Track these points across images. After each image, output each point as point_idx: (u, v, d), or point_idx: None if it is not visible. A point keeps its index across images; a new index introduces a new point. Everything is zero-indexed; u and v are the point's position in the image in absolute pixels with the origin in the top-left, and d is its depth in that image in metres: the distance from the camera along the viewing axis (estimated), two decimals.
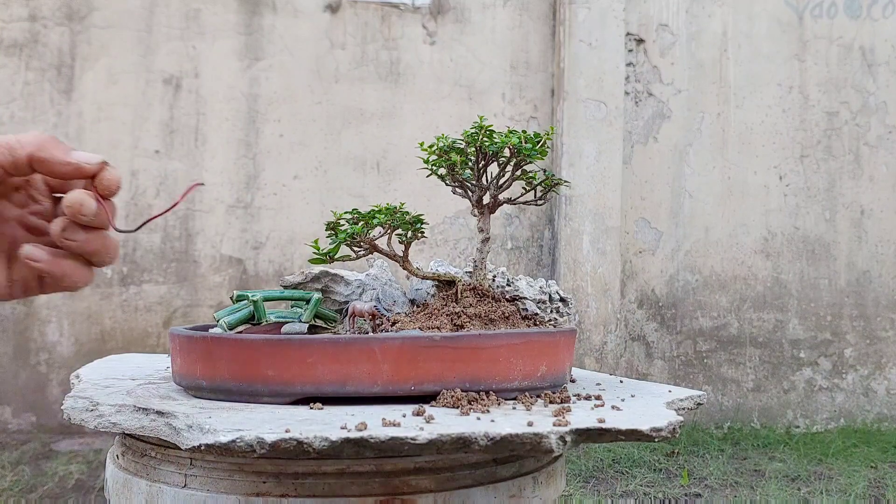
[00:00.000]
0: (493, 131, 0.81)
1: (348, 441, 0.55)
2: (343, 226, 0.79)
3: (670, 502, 2.40)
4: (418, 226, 0.81)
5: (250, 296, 0.80)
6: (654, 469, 2.75)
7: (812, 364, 3.50)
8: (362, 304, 0.83)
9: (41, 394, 3.02)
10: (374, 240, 0.80)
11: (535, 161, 0.81)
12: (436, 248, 3.31)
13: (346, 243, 0.79)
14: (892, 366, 3.56)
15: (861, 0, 3.58)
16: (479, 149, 0.81)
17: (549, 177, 0.85)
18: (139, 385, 0.80)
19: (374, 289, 0.89)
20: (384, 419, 0.60)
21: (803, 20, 3.55)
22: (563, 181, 0.86)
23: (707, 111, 3.49)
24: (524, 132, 0.81)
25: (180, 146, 3.15)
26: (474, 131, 0.81)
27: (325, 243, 0.80)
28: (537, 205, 0.88)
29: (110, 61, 3.11)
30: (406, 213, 0.80)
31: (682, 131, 3.47)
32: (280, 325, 0.83)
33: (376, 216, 0.79)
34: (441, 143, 0.82)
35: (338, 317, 0.88)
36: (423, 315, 0.80)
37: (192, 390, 0.73)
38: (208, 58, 3.18)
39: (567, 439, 0.58)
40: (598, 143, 3.33)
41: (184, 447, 0.59)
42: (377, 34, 3.30)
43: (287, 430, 0.55)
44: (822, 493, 2.48)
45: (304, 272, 0.90)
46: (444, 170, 0.83)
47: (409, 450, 0.56)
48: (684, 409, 0.76)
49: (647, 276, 3.43)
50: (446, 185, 0.85)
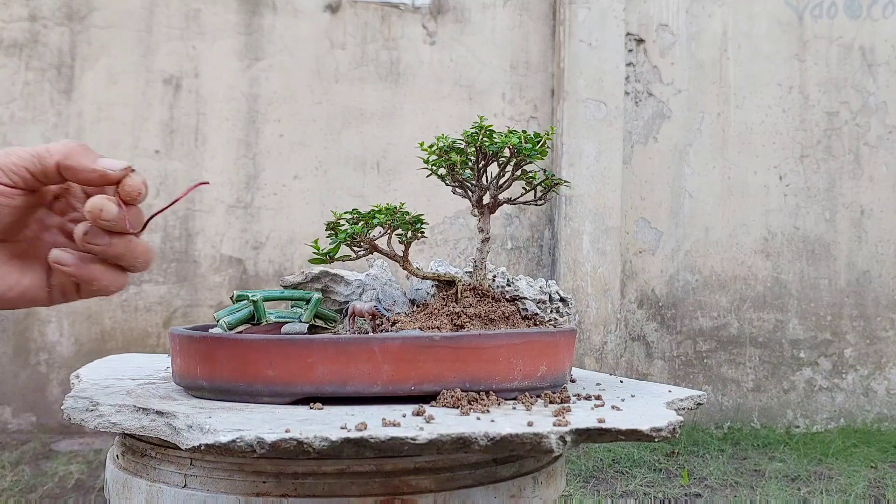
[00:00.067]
0: (493, 131, 0.81)
1: (348, 441, 0.55)
2: (343, 226, 0.79)
3: (670, 502, 2.40)
4: (418, 226, 0.81)
5: (250, 296, 0.80)
6: (654, 469, 2.75)
7: (812, 364, 3.50)
8: (362, 304, 0.83)
9: (41, 394, 3.02)
10: (374, 240, 0.80)
11: (535, 161, 0.81)
12: (436, 248, 3.31)
13: (346, 243, 0.79)
14: (892, 366, 3.56)
15: (861, 0, 3.58)
16: (479, 149, 0.81)
17: (549, 177, 0.85)
18: (139, 385, 0.80)
19: (374, 289, 0.89)
20: (384, 419, 0.60)
21: (803, 20, 3.55)
22: (563, 181, 0.86)
23: (707, 111, 3.49)
24: (524, 132, 0.81)
25: (180, 146, 3.15)
26: (474, 131, 0.81)
27: (325, 243, 0.80)
28: (537, 205, 0.87)
29: (110, 61, 3.11)
30: (406, 213, 0.80)
31: (682, 131, 3.47)
32: (280, 325, 0.83)
33: (376, 216, 0.79)
34: (441, 143, 0.81)
35: (338, 317, 0.88)
36: (423, 315, 0.80)
37: (192, 390, 0.73)
38: (208, 58, 3.18)
39: (567, 439, 0.58)
40: (598, 143, 3.33)
41: (184, 447, 0.59)
42: (377, 34, 3.30)
43: (287, 430, 0.55)
44: (822, 493, 2.48)
45: (304, 272, 0.89)
46: (444, 170, 0.82)
47: (409, 450, 0.56)
48: (684, 409, 0.76)
49: (647, 276, 3.43)
50: (446, 185, 0.85)
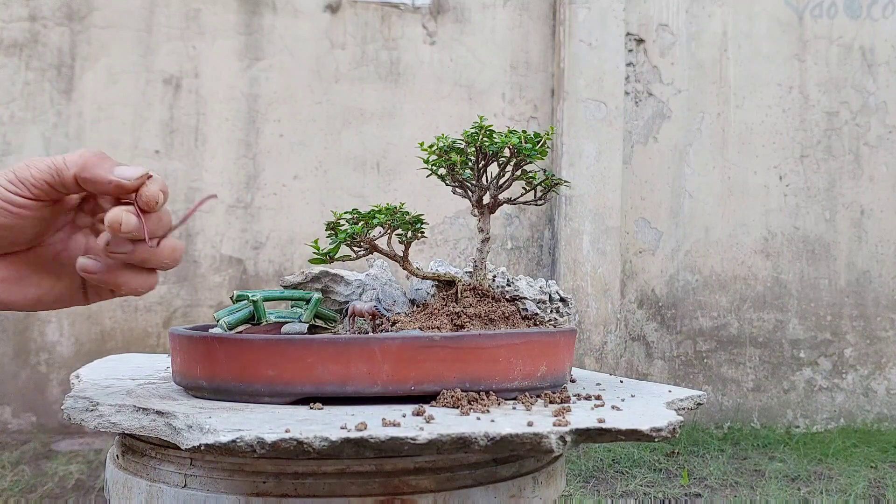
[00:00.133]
0: (493, 131, 0.81)
1: (348, 441, 0.55)
2: (343, 226, 0.79)
3: (670, 502, 2.39)
4: (418, 226, 0.81)
5: (250, 296, 0.80)
6: (654, 469, 2.75)
7: (812, 364, 3.50)
8: (362, 304, 0.83)
9: (41, 394, 3.02)
10: (374, 240, 0.80)
11: (535, 161, 0.81)
12: (436, 248, 3.31)
13: (346, 243, 0.79)
14: (892, 366, 3.55)
15: (861, 0, 3.58)
16: (479, 149, 0.81)
17: (549, 177, 0.85)
18: (139, 385, 0.80)
19: (374, 289, 0.89)
20: (384, 419, 0.60)
21: (803, 20, 3.55)
22: (563, 181, 0.86)
23: (707, 111, 3.49)
24: (524, 132, 0.81)
25: (180, 146, 3.15)
26: (474, 131, 0.81)
27: (325, 243, 0.80)
28: (537, 205, 0.87)
29: (110, 61, 3.11)
30: (406, 213, 0.80)
31: (682, 131, 3.47)
32: (280, 325, 0.83)
33: (376, 216, 0.79)
34: (441, 143, 0.81)
35: (338, 317, 0.88)
36: (423, 315, 0.80)
37: (191, 390, 0.73)
38: (208, 58, 3.18)
39: (567, 439, 0.58)
40: (598, 143, 3.33)
41: (184, 447, 0.59)
42: (377, 34, 3.30)
43: (287, 430, 0.55)
44: (822, 493, 2.48)
45: (304, 272, 0.89)
46: (444, 170, 0.82)
47: (409, 450, 0.56)
48: (684, 409, 0.76)
49: (647, 276, 3.43)
50: (446, 185, 0.85)
